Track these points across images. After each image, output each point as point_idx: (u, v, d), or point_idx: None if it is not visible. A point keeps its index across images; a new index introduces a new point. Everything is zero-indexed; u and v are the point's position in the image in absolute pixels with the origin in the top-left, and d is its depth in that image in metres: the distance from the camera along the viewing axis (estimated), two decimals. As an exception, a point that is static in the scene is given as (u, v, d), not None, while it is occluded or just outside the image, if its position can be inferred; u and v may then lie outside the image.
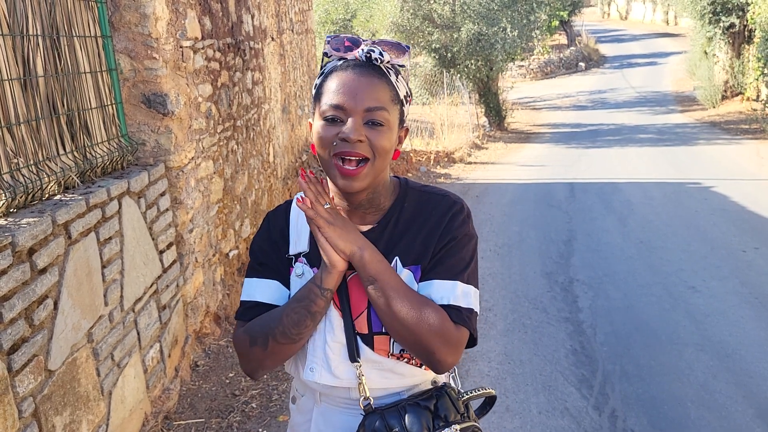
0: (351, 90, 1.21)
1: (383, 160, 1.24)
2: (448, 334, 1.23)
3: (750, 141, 12.04)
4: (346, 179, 1.22)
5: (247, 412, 3.31)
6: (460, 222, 1.30)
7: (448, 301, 1.25)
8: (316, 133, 1.24)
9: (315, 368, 1.30)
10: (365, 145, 1.20)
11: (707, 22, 15.90)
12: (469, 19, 13.95)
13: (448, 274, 1.27)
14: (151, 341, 3.15)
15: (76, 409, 2.35)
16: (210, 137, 4.08)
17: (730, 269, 5.31)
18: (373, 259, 1.23)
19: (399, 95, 1.27)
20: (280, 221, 1.38)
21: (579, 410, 3.35)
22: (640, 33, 36.45)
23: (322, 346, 1.29)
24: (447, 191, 1.36)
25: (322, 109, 1.23)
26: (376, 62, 1.24)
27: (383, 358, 1.28)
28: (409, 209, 1.33)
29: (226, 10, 4.61)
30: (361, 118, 1.21)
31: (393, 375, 1.30)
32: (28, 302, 2.06)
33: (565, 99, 20.87)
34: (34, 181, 2.32)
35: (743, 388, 3.50)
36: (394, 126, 1.25)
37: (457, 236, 1.29)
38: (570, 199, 8.21)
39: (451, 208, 1.31)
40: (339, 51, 1.27)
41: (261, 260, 1.37)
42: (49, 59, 2.57)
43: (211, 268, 4.10)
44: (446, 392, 1.31)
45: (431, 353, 1.22)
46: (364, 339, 1.27)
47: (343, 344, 1.28)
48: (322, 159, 1.24)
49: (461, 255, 1.29)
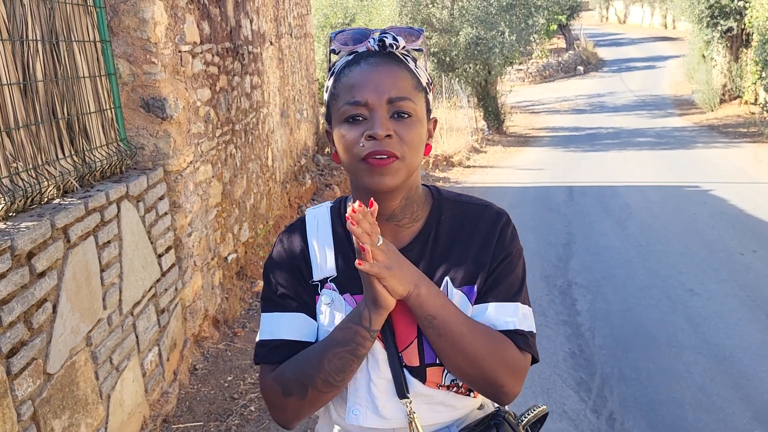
0: (370, 82, 1.08)
1: (415, 155, 1.10)
2: (517, 365, 1.13)
3: (748, 144, 12.06)
4: (378, 175, 1.07)
5: (246, 416, 3.32)
6: (510, 236, 1.19)
7: (514, 326, 1.14)
8: (339, 138, 1.10)
9: (359, 410, 1.15)
10: (394, 141, 1.07)
11: (705, 26, 15.94)
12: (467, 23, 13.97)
13: (507, 296, 1.16)
14: (150, 345, 3.15)
15: (75, 413, 2.35)
16: (209, 141, 4.09)
17: (728, 272, 5.32)
18: (430, 294, 1.09)
19: (422, 82, 1.14)
20: (298, 243, 1.21)
21: (577, 413, 3.36)
22: (638, 37, 36.53)
23: (366, 385, 1.15)
24: (486, 201, 1.24)
25: (341, 111, 1.09)
26: (391, 48, 1.11)
27: (434, 390, 1.15)
28: (448, 222, 1.19)
29: (225, 14, 4.63)
30: (386, 111, 1.07)
31: (444, 408, 1.17)
32: (27, 306, 2.07)
33: (564, 102, 20.90)
34: (33, 185, 2.33)
35: (741, 391, 3.50)
36: (422, 116, 1.12)
37: (512, 252, 1.18)
38: (569, 203, 8.23)
39: (498, 220, 1.19)
40: (348, 45, 1.14)
41: (280, 291, 1.19)
42: (48, 64, 2.58)
43: (209, 272, 4.10)
44: (504, 419, 1.19)
45: (500, 386, 1.12)
46: (414, 372, 1.14)
47: (390, 380, 1.14)
48: (350, 165, 1.11)
49: (516, 273, 1.18)
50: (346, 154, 1.10)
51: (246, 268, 4.95)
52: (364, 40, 1.13)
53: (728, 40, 16.02)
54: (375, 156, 1.07)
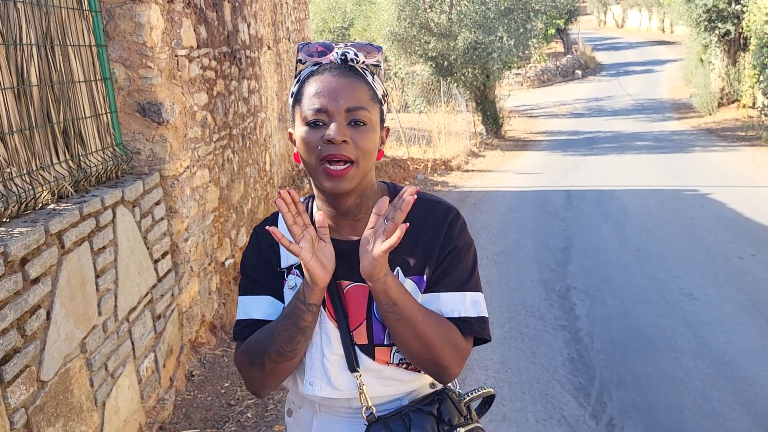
0: (331, 92, 1.20)
1: (368, 160, 1.23)
2: (461, 349, 1.25)
3: (746, 148, 12.06)
4: (334, 180, 1.20)
5: (243, 422, 3.29)
6: (458, 230, 1.30)
7: (459, 313, 1.26)
8: (300, 140, 1.23)
9: (314, 382, 1.29)
10: (350, 146, 1.19)
11: (703, 30, 15.97)
12: (465, 27, 13.99)
13: (455, 285, 1.27)
14: (146, 351, 3.13)
15: (69, 420, 2.33)
16: (205, 146, 4.08)
17: (726, 276, 5.30)
18: (394, 283, 1.21)
19: (377, 94, 1.26)
20: (268, 235, 1.34)
21: (576, 419, 3.34)
22: (636, 41, 36.61)
23: (320, 359, 1.28)
24: (438, 197, 1.36)
25: (304, 114, 1.22)
26: (352, 63, 1.24)
27: (383, 366, 1.27)
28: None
29: (222, 19, 4.61)
30: (344, 119, 1.20)
31: (393, 382, 1.29)
32: (21, 312, 2.04)
33: (562, 107, 20.92)
34: (27, 190, 2.31)
35: (741, 396, 3.48)
36: (376, 125, 1.24)
37: (458, 245, 1.29)
38: (567, 207, 8.22)
39: (448, 215, 1.30)
40: (313, 56, 1.27)
41: (252, 277, 1.35)
42: (43, 68, 2.56)
43: (206, 277, 4.08)
44: (448, 395, 1.32)
45: (444, 368, 1.24)
46: (364, 349, 1.27)
47: (342, 355, 1.27)
48: (308, 165, 1.23)
49: (464, 264, 1.29)
50: (307, 155, 1.23)
51: (243, 273, 4.92)
52: (327, 53, 1.26)
53: (726, 44, 16.05)
54: (332, 160, 1.19)
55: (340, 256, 1.26)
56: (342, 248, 1.27)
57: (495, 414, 3.37)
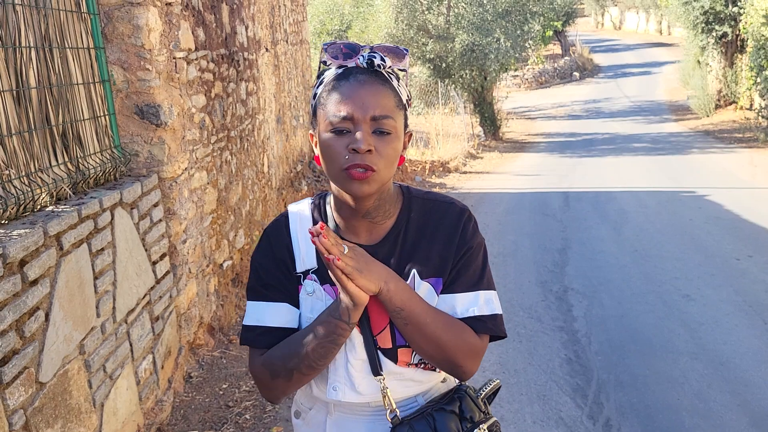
0: (357, 99, 1.19)
1: (390, 167, 1.23)
2: (475, 348, 1.28)
3: (743, 149, 12.09)
4: (356, 183, 1.19)
5: (241, 424, 3.30)
6: (472, 231, 1.32)
7: (473, 312, 1.28)
8: (325, 146, 1.22)
9: (338, 387, 1.30)
10: (374, 155, 1.19)
11: (700, 32, 16.01)
12: (463, 29, 14.01)
13: (468, 285, 1.30)
14: (144, 353, 3.13)
15: (68, 422, 2.33)
16: (204, 148, 4.08)
17: (724, 277, 5.32)
18: (398, 289, 1.22)
19: (402, 100, 1.26)
20: (282, 237, 1.34)
21: (573, 420, 3.34)
22: (633, 43, 36.67)
23: (344, 365, 1.29)
24: (451, 198, 1.37)
25: (329, 120, 1.20)
26: (379, 68, 1.22)
27: (404, 368, 1.29)
28: (416, 218, 1.32)
29: (220, 21, 4.62)
30: (369, 127, 1.19)
31: (412, 383, 1.32)
32: (19, 314, 2.05)
33: (560, 108, 20.95)
34: (25, 192, 2.31)
35: (738, 397, 3.49)
36: (400, 133, 1.24)
37: (472, 245, 1.31)
38: (564, 208, 8.23)
39: (461, 216, 1.32)
40: (338, 59, 1.24)
41: (266, 281, 1.32)
42: (41, 71, 2.57)
43: (204, 279, 4.09)
44: (466, 392, 1.34)
45: (459, 366, 1.27)
46: (387, 353, 1.28)
47: (365, 360, 1.28)
48: (331, 171, 1.22)
49: (477, 263, 1.31)
50: (330, 162, 1.22)
51: (242, 274, 4.93)
52: (354, 55, 1.23)
53: (723, 46, 16.09)
54: (356, 168, 1.18)
55: None
56: None
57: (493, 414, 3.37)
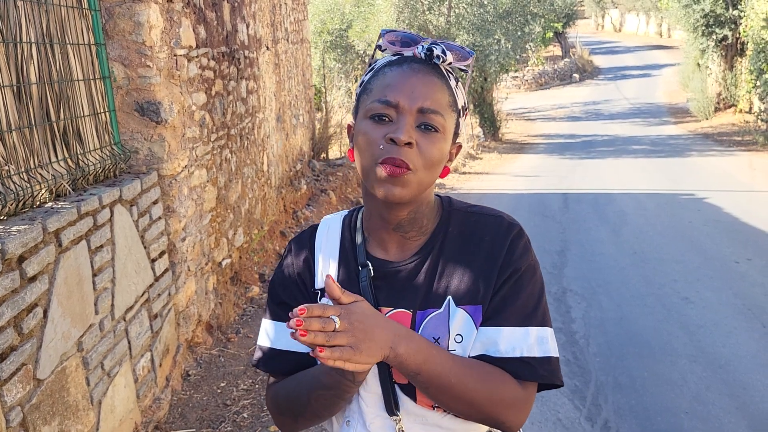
0: (405, 86, 1.04)
1: (432, 172, 1.05)
2: (518, 400, 1.06)
3: (743, 153, 12.10)
4: (388, 185, 1.02)
5: (239, 422, 3.29)
6: (521, 250, 1.10)
7: (521, 353, 1.06)
8: (361, 134, 1.06)
9: (351, 422, 1.13)
10: (414, 151, 1.02)
11: (700, 35, 16.02)
12: (463, 30, 14.01)
13: (518, 319, 1.07)
14: (142, 350, 3.12)
15: (65, 419, 2.33)
16: (203, 146, 4.08)
17: (723, 280, 5.32)
18: (409, 352, 0.99)
19: (457, 103, 1.10)
20: (304, 249, 1.20)
21: (572, 421, 3.34)
22: (633, 45, 36.70)
23: (356, 399, 1.12)
24: (499, 212, 1.16)
25: (369, 107, 1.05)
26: (437, 60, 1.07)
27: (427, 410, 1.08)
28: (455, 234, 1.13)
29: (221, 19, 4.62)
30: (414, 120, 1.03)
31: (440, 430, 1.10)
32: (17, 310, 2.04)
33: (560, 110, 20.95)
34: (25, 188, 2.31)
35: (736, 400, 3.49)
36: (448, 135, 1.07)
37: (521, 267, 1.09)
38: (564, 210, 8.23)
39: (509, 232, 1.11)
40: (395, 45, 1.10)
41: (281, 298, 1.18)
42: (42, 67, 2.56)
43: (203, 277, 4.08)
44: None
45: (501, 423, 1.06)
46: (404, 389, 1.08)
47: (379, 395, 1.09)
48: (363, 164, 1.06)
49: (529, 291, 1.09)
50: (363, 153, 1.06)
51: (240, 273, 4.92)
52: (412, 44, 1.10)
53: (723, 49, 16.10)
54: (390, 163, 1.02)
55: (383, 278, 1.11)
56: (386, 269, 1.12)
57: None
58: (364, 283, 1.11)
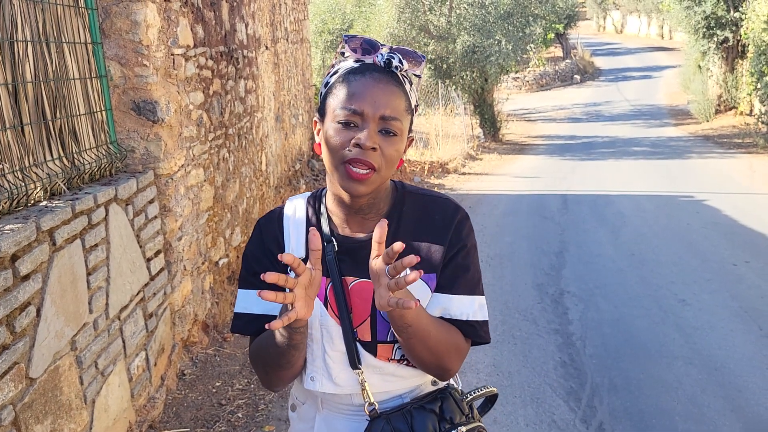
0: (369, 96, 1.19)
1: (390, 168, 1.23)
2: (463, 351, 1.29)
3: (743, 155, 12.09)
4: (354, 183, 1.19)
5: (233, 422, 3.29)
6: (467, 230, 1.30)
7: (468, 317, 1.28)
8: (328, 136, 1.21)
9: (315, 377, 1.30)
10: (377, 154, 1.19)
11: (701, 37, 16.01)
12: (464, 30, 14.00)
13: (467, 289, 1.29)
14: (137, 349, 3.12)
15: (58, 418, 2.33)
16: (201, 145, 4.08)
17: (720, 282, 5.31)
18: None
19: (411, 105, 1.26)
20: (273, 228, 1.34)
21: (567, 423, 3.34)
22: (635, 46, 36.67)
23: (321, 356, 1.28)
24: (446, 195, 1.35)
25: (337, 112, 1.20)
26: (396, 70, 1.23)
27: (385, 363, 1.28)
28: (409, 213, 1.31)
29: (220, 18, 4.62)
30: (376, 126, 1.19)
31: (394, 378, 1.30)
32: (10, 309, 2.04)
33: (560, 111, 20.95)
34: (19, 187, 2.31)
35: (732, 402, 3.49)
36: (405, 135, 1.24)
37: (467, 245, 1.29)
38: (563, 211, 8.22)
39: (456, 213, 1.30)
40: (356, 53, 1.25)
41: (254, 269, 1.33)
42: (38, 65, 2.56)
43: (200, 277, 4.08)
44: (450, 393, 1.33)
45: (447, 370, 1.27)
46: (366, 346, 1.27)
47: (343, 352, 1.27)
48: (330, 162, 1.22)
49: (475, 266, 1.31)
50: (331, 154, 1.21)
51: (237, 272, 4.92)
52: (373, 52, 1.24)
53: (724, 51, 16.09)
54: (356, 165, 1.18)
55: (347, 252, 1.28)
56: (350, 245, 1.28)
57: (486, 417, 3.36)
58: (329, 257, 1.27)
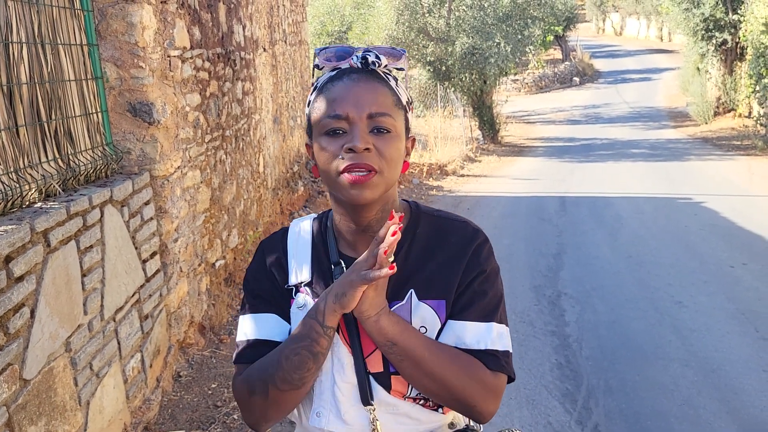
0: (351, 97, 1.10)
1: (393, 169, 1.12)
2: (488, 385, 1.13)
3: (741, 157, 12.10)
4: (356, 188, 1.09)
5: (228, 424, 3.29)
6: (486, 254, 1.18)
7: (485, 345, 1.14)
8: (319, 151, 1.12)
9: (322, 413, 1.16)
10: (373, 154, 1.09)
11: (700, 39, 16.02)
12: (463, 32, 14.02)
13: (482, 315, 1.15)
14: (132, 351, 3.12)
15: (52, 419, 2.32)
16: (197, 147, 4.08)
17: (717, 284, 5.31)
18: (390, 322, 1.10)
19: (402, 100, 1.16)
20: (276, 250, 1.25)
21: (562, 425, 3.34)
22: (634, 49, 36.68)
23: (330, 388, 1.15)
24: (465, 218, 1.24)
25: (321, 124, 1.12)
26: (374, 66, 1.14)
27: (399, 400, 1.15)
28: (423, 235, 1.20)
29: (217, 20, 4.62)
30: (366, 126, 1.10)
31: (409, 420, 1.16)
32: (4, 310, 2.04)
33: (559, 113, 20.95)
34: (13, 188, 2.31)
35: (727, 404, 3.49)
36: (401, 133, 1.14)
37: (486, 269, 1.17)
38: (561, 213, 8.23)
39: (475, 238, 1.19)
40: (331, 61, 1.17)
41: (256, 292, 1.23)
42: (33, 67, 2.56)
43: (196, 278, 4.08)
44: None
45: (472, 406, 1.12)
46: (379, 379, 1.14)
47: (355, 385, 1.14)
48: (327, 177, 1.12)
49: (493, 292, 1.18)
50: (325, 166, 1.12)
51: (234, 274, 4.92)
52: (347, 57, 1.16)
53: (723, 54, 16.10)
54: (353, 170, 1.08)
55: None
56: None
57: None
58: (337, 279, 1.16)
